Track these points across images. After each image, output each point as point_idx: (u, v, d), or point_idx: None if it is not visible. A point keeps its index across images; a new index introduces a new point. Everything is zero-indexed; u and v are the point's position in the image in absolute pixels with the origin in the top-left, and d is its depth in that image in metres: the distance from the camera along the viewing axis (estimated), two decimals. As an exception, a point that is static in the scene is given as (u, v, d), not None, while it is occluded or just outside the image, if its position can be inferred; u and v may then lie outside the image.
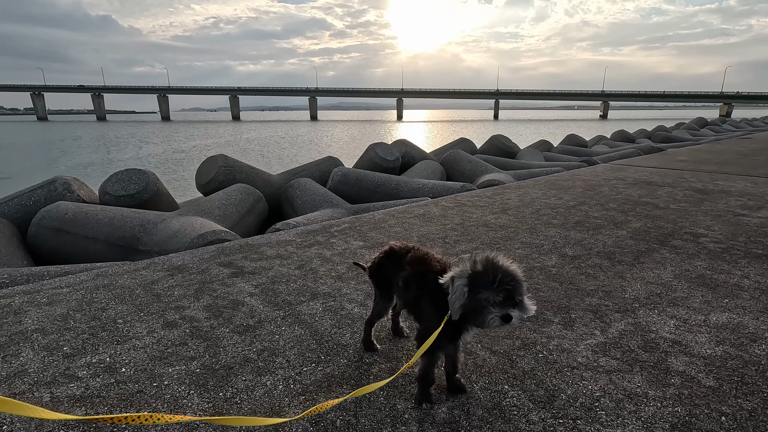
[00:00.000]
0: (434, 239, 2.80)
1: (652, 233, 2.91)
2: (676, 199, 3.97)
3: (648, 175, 5.41)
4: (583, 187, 4.59)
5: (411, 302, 1.34)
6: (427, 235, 2.88)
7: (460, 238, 2.81)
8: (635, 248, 2.61)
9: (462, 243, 2.72)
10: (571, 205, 3.75)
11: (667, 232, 2.93)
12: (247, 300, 1.93)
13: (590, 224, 3.14)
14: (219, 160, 4.76)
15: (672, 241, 2.75)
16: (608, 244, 2.68)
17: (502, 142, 7.82)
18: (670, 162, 6.63)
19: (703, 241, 2.74)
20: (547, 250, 2.59)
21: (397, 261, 1.41)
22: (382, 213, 3.51)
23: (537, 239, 2.79)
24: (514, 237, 2.84)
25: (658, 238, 2.79)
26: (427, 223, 3.21)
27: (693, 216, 3.35)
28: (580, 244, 2.70)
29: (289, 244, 2.73)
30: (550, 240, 2.78)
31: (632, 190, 4.38)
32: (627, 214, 3.43)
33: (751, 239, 2.80)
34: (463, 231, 2.99)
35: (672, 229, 3.01)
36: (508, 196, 4.16)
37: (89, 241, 3.27)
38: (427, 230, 3.01)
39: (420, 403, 1.27)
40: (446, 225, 3.14)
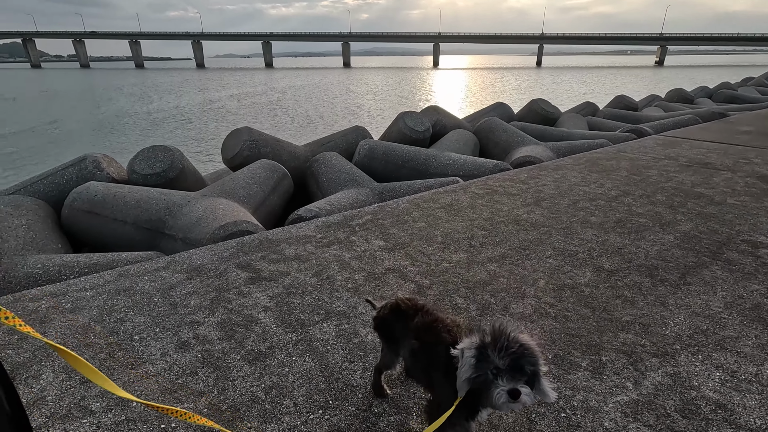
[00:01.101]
0: (459, 240, 2.64)
1: (704, 240, 2.61)
2: (735, 190, 3.55)
3: (705, 152, 4.87)
4: (628, 169, 4.19)
5: (420, 375, 1.23)
6: (452, 235, 2.72)
7: (487, 240, 2.64)
8: (682, 262, 2.35)
9: (489, 247, 2.55)
10: (612, 195, 3.43)
11: (721, 240, 2.62)
12: (261, 317, 1.89)
13: (633, 224, 2.86)
14: (243, 133, 4.66)
15: (726, 252, 2.46)
16: (651, 254, 2.43)
17: (541, 107, 7.23)
18: (732, 134, 5.94)
19: (764, 255, 2.43)
20: (582, 260, 2.38)
21: (403, 321, 1.29)
22: (406, 202, 3.35)
23: (571, 244, 2.58)
24: (546, 240, 2.63)
25: (710, 248, 2.51)
26: (453, 216, 3.03)
27: (754, 216, 2.99)
28: (619, 252, 2.46)
29: (309, 241, 2.66)
30: (586, 245, 2.55)
31: (685, 175, 3.96)
32: (676, 210, 3.10)
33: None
34: (491, 229, 2.80)
35: (727, 235, 2.69)
36: (544, 180, 3.86)
37: (118, 223, 3.33)
38: (452, 228, 2.84)
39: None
40: (473, 221, 2.95)
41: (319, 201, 3.74)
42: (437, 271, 2.28)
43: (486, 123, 6.09)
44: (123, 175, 4.06)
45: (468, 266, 2.32)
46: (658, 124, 6.94)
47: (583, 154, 4.85)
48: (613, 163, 4.41)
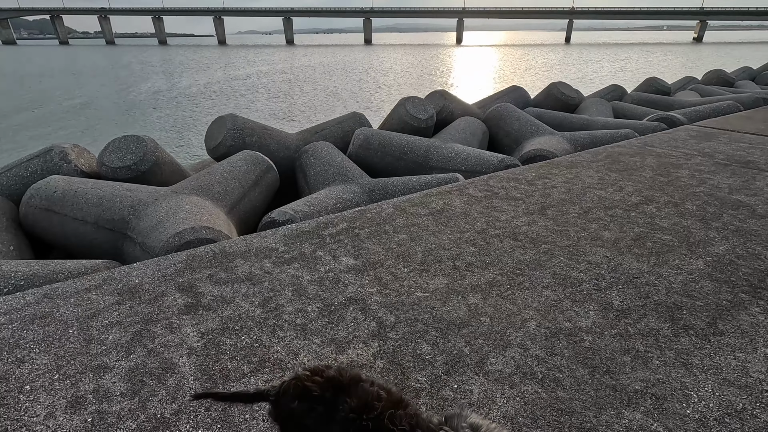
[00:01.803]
0: (442, 260, 2.24)
1: (742, 268, 2.13)
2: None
3: (746, 147, 4.24)
4: (654, 168, 3.65)
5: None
6: (435, 252, 2.32)
7: (475, 261, 2.23)
8: (713, 299, 1.89)
9: (476, 270, 2.14)
10: (633, 202, 2.94)
11: (765, 268, 2.13)
12: (181, 363, 1.56)
13: (654, 243, 2.39)
14: (227, 121, 4.29)
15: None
16: (674, 287, 1.98)
17: (561, 92, 6.57)
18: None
19: (819, 292, 1.94)
20: (586, 293, 1.95)
21: (320, 409, 0.92)
22: (391, 206, 2.94)
23: (576, 269, 2.14)
24: (546, 263, 2.20)
25: (750, 280, 2.03)
26: (441, 227, 2.62)
27: (806, 236, 2.46)
28: (634, 283, 2.02)
29: (269, 255, 2.30)
30: (594, 272, 2.11)
31: (721, 177, 3.40)
32: (709, 225, 2.60)
33: None
34: (482, 246, 2.38)
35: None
36: (554, 181, 3.37)
37: (78, 223, 3.06)
38: (437, 242, 2.43)
39: None
40: (464, 233, 2.53)
41: (298, 201, 3.37)
42: (408, 302, 1.89)
43: (497, 110, 5.54)
44: (95, 167, 3.78)
45: (446, 297, 1.93)
46: (692, 111, 6.22)
47: (603, 148, 4.29)
48: (636, 160, 3.86)
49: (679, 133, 4.84)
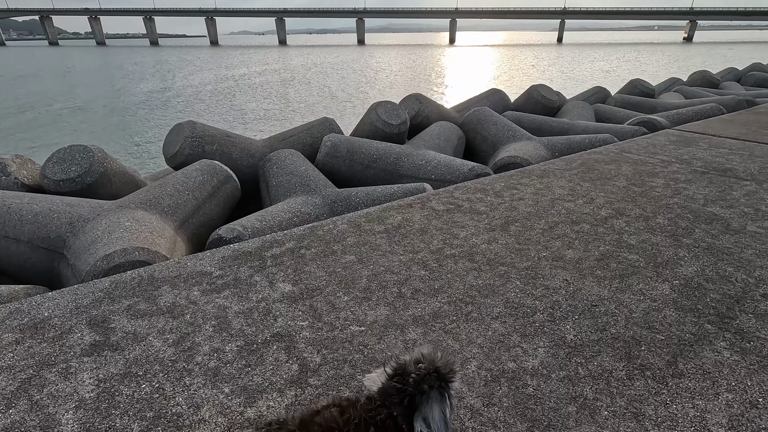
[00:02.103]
0: (388, 285, 2.05)
1: (710, 294, 1.96)
2: (759, 210, 2.84)
3: (725, 154, 4.10)
4: (628, 177, 3.48)
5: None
6: (381, 276, 2.13)
7: (423, 286, 2.04)
8: (676, 333, 1.72)
9: (422, 298, 1.95)
10: (602, 216, 2.76)
11: (735, 293, 1.97)
12: (65, 420, 1.36)
13: (620, 263, 2.21)
14: (185, 128, 4.07)
15: (739, 317, 1.81)
16: (635, 318, 1.80)
17: (541, 94, 6.41)
18: (761, 128, 5.10)
19: (792, 322, 1.78)
20: (539, 325, 1.77)
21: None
22: (346, 222, 2.75)
23: (532, 296, 1.96)
24: (500, 288, 2.02)
25: (717, 309, 1.86)
26: (394, 246, 2.43)
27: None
28: (591, 312, 1.84)
29: (200, 281, 2.10)
30: (551, 299, 1.93)
31: (697, 187, 3.24)
32: (679, 241, 2.43)
33: None
34: (435, 268, 2.19)
35: (744, 284, 2.03)
36: (523, 192, 3.20)
37: (11, 242, 2.83)
38: (386, 264, 2.24)
39: None
40: (417, 253, 2.34)
41: (251, 216, 3.17)
42: (339, 339, 1.70)
43: (474, 114, 5.37)
44: (38, 180, 3.55)
45: (383, 332, 1.74)
46: (674, 114, 6.08)
47: (579, 155, 4.13)
48: (612, 168, 3.70)
49: (658, 138, 4.69)
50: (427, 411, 0.92)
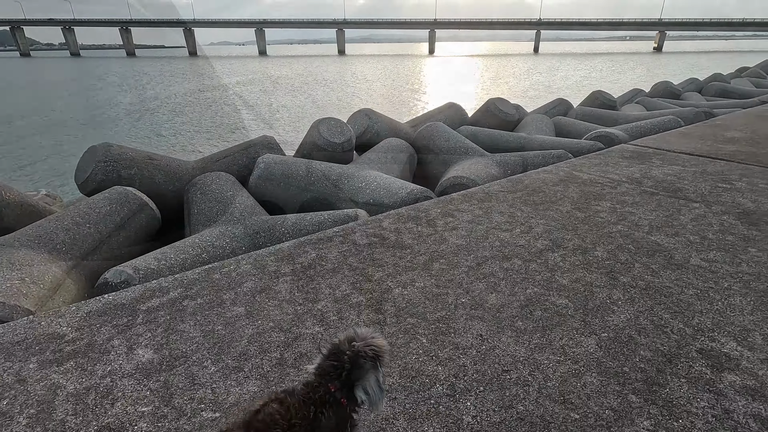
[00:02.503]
0: (270, 350, 1.72)
1: (641, 350, 1.69)
2: (706, 239, 2.61)
3: (678, 171, 3.92)
4: (574, 200, 3.25)
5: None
6: (265, 337, 1.80)
7: (310, 351, 1.71)
8: (594, 408, 1.43)
9: (303, 368, 1.62)
10: (537, 249, 2.50)
11: (669, 349, 1.70)
12: None
13: (546, 310, 1.93)
14: (98, 152, 3.68)
15: (669, 384, 1.54)
16: (549, 388, 1.51)
17: (499, 108, 6.21)
18: (715, 142, 4.98)
19: (729, 387, 1.51)
20: (434, 402, 1.46)
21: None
22: (251, 262, 2.41)
23: (436, 359, 1.65)
24: (400, 350, 1.71)
25: (646, 373, 1.58)
26: (296, 293, 2.10)
27: (724, 295, 2.06)
28: (500, 381, 1.54)
29: (46, 348, 1.73)
30: (457, 363, 1.63)
31: (644, 212, 3.02)
32: (616, 280, 2.18)
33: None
34: (332, 322, 1.87)
35: (679, 335, 1.77)
36: (459, 219, 2.92)
37: None
38: (277, 319, 1.91)
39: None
40: (317, 303, 2.02)
41: (151, 253, 2.80)
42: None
43: (426, 130, 5.11)
44: None
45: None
46: (633, 127, 5.96)
47: (528, 175, 3.89)
48: (558, 190, 3.46)
49: (611, 155, 4.51)
50: (364, 381, 1.04)
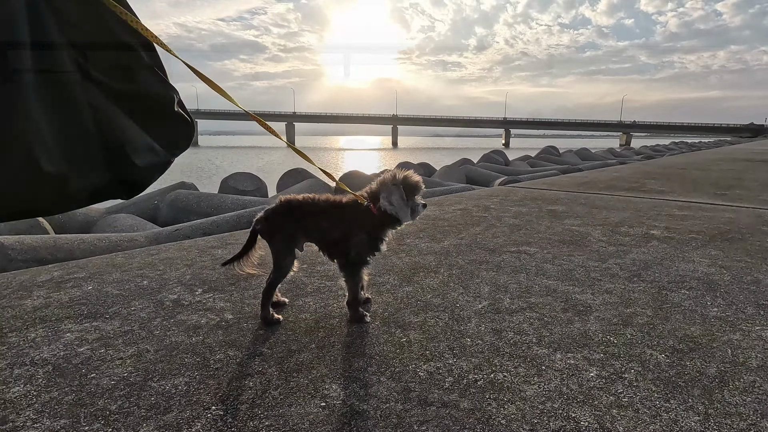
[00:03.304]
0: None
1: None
2: (541, 216, 3.84)
3: (557, 195, 5.30)
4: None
5: (337, 239, 1.87)
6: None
7: None
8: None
9: None
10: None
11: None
12: None
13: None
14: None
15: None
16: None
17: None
18: (575, 183, 6.52)
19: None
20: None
21: (296, 215, 1.88)
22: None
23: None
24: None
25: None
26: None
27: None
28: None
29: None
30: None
31: (528, 211, 4.26)
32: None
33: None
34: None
35: (431, 243, 2.86)
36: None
37: None
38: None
39: (361, 319, 1.96)
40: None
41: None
42: None
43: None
44: None
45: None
46: (528, 177, 7.58)
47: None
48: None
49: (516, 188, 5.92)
50: (388, 195, 1.75)
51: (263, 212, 1.93)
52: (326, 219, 1.88)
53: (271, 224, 1.88)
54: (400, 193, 1.76)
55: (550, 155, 16.72)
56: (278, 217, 1.88)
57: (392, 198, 1.74)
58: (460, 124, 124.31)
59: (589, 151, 19.83)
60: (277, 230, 1.89)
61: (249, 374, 1.56)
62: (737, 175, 8.99)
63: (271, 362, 1.64)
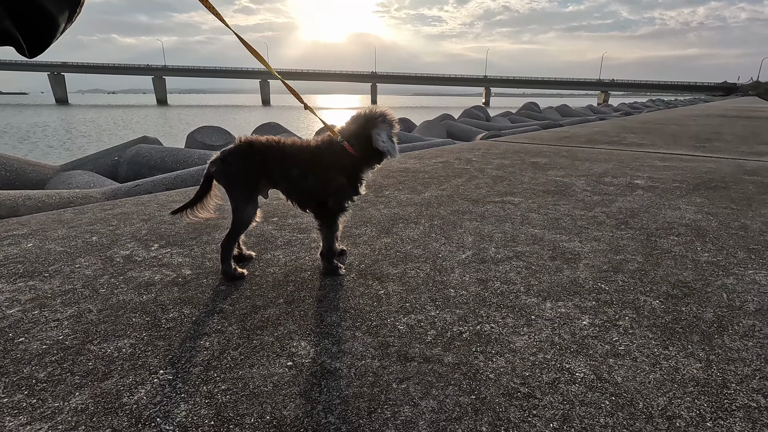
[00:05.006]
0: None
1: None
2: (524, 167, 3.67)
3: (538, 148, 5.13)
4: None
5: (312, 186, 1.70)
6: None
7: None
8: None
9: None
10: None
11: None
12: None
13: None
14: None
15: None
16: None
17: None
18: (557, 137, 6.40)
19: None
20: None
21: (259, 158, 1.67)
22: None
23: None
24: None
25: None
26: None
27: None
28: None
29: None
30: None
31: (506, 162, 4.07)
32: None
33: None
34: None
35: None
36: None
37: None
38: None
39: (335, 271, 1.81)
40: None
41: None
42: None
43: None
44: None
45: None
46: (510, 131, 7.39)
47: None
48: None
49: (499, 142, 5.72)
50: (378, 131, 1.65)
51: (219, 152, 1.69)
52: (296, 166, 1.68)
53: (227, 167, 1.65)
54: (389, 129, 1.68)
55: (531, 111, 16.60)
56: (236, 159, 1.65)
57: (384, 135, 1.66)
58: (441, 82, 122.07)
59: (569, 107, 19.81)
60: (235, 174, 1.67)
61: (205, 333, 1.39)
62: (715, 129, 9.02)
63: (231, 320, 1.46)
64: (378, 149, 1.65)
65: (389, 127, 1.68)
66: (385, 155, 1.68)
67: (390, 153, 1.66)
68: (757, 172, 4.27)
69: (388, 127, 1.68)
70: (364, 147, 1.67)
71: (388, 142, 1.65)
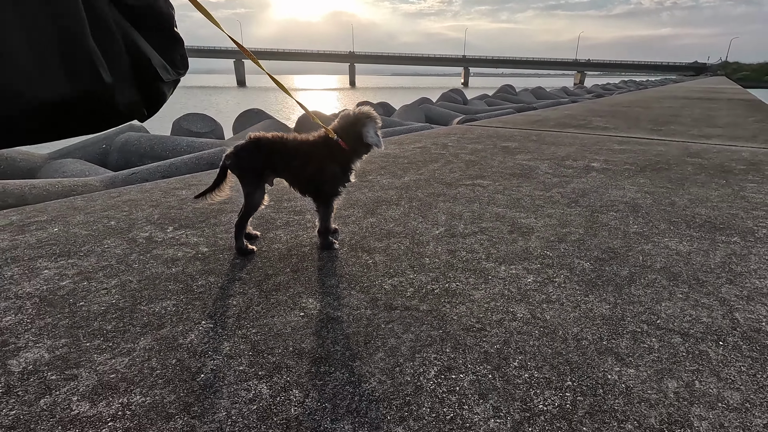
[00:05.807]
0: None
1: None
2: (495, 150, 4.06)
3: (510, 133, 5.52)
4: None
5: (311, 175, 2.04)
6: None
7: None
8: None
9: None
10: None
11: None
12: None
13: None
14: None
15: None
16: (292, 193, 2.66)
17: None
18: (530, 121, 6.81)
19: (399, 189, 2.77)
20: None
21: (266, 152, 2.02)
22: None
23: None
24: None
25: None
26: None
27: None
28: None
29: None
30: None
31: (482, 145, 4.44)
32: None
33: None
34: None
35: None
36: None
37: None
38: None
39: (330, 246, 2.18)
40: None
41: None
42: None
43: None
44: None
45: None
46: (486, 114, 7.78)
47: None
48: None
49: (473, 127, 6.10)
50: (367, 128, 1.98)
51: (233, 148, 2.03)
52: (297, 157, 2.03)
53: (239, 160, 2.00)
54: (375, 126, 2.02)
55: (507, 94, 17.16)
56: (246, 153, 1.99)
57: (372, 131, 2.00)
58: (420, 62, 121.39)
59: (544, 90, 20.42)
60: (246, 166, 2.01)
61: (231, 295, 1.75)
62: (675, 112, 9.63)
63: (250, 285, 1.83)
64: (366, 142, 2.01)
65: (375, 124, 2.02)
66: (372, 147, 2.04)
67: (377, 146, 2.01)
68: (699, 154, 4.79)
69: (373, 123, 2.02)
70: (354, 141, 2.01)
71: (375, 137, 1.99)
